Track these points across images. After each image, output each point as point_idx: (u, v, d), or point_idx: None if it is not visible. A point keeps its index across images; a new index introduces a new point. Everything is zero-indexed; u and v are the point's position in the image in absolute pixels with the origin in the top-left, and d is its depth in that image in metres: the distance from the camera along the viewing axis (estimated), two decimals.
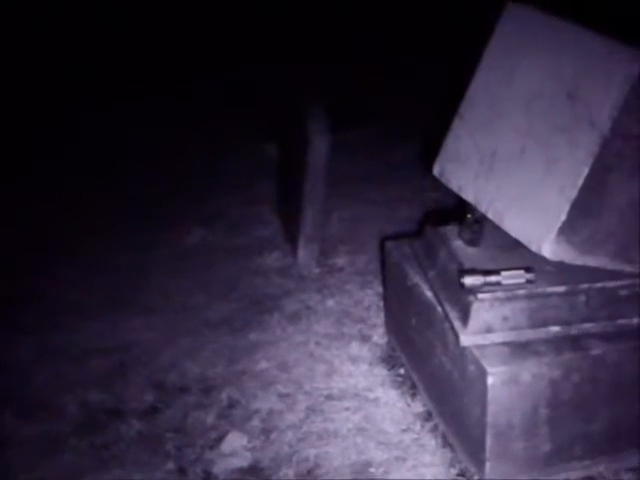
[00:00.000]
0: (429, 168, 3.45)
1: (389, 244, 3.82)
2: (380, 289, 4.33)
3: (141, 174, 6.17)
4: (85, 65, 8.22)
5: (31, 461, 3.27)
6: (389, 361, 3.78)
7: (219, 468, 3.18)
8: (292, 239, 4.80)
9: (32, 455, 3.30)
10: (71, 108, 7.35)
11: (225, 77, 7.97)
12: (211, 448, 3.28)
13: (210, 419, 3.46)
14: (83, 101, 7.50)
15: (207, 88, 7.84)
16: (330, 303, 4.30)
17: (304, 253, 4.66)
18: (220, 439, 3.32)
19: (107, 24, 8.84)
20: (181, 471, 3.18)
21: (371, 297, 4.33)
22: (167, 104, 7.49)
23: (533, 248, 2.81)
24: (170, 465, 3.21)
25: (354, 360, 3.80)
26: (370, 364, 3.77)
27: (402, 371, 3.68)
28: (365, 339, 3.96)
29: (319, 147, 4.44)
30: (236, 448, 3.26)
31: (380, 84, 7.60)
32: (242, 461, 3.20)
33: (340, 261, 4.76)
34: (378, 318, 4.10)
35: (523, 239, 2.86)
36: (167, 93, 7.76)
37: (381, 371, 3.72)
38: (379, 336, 3.97)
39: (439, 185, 3.43)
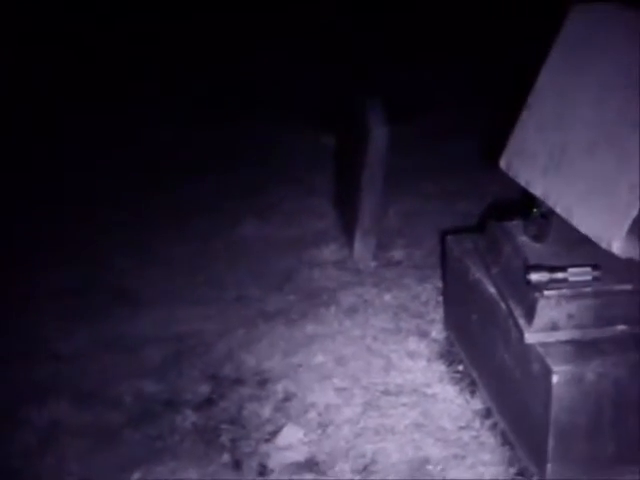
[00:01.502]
0: (486, 161, 3.41)
1: (450, 239, 3.77)
2: (438, 283, 4.29)
3: (198, 166, 6.18)
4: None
5: (85, 450, 3.26)
6: (448, 357, 3.73)
7: (275, 462, 3.14)
8: (349, 232, 4.77)
9: (86, 444, 3.29)
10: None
11: (282, 72, 8.02)
12: (267, 441, 3.25)
13: (266, 412, 3.43)
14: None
15: (265, 82, 7.88)
16: (387, 297, 4.26)
17: (361, 246, 4.62)
18: (276, 432, 3.29)
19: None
20: (236, 464, 3.15)
21: (429, 292, 4.28)
22: (231, 97, 7.55)
23: (603, 245, 2.76)
24: (225, 458, 3.18)
25: (412, 355, 3.76)
26: (428, 360, 3.72)
27: (461, 367, 3.63)
28: (423, 334, 3.91)
29: (378, 139, 4.39)
30: (292, 442, 3.23)
31: (438, 77, 7.58)
32: (298, 455, 3.17)
33: (397, 254, 4.73)
34: (436, 313, 4.06)
35: (593, 235, 2.81)
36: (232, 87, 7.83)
37: (439, 367, 3.67)
38: (437, 331, 3.92)
39: (497, 179, 3.40)
